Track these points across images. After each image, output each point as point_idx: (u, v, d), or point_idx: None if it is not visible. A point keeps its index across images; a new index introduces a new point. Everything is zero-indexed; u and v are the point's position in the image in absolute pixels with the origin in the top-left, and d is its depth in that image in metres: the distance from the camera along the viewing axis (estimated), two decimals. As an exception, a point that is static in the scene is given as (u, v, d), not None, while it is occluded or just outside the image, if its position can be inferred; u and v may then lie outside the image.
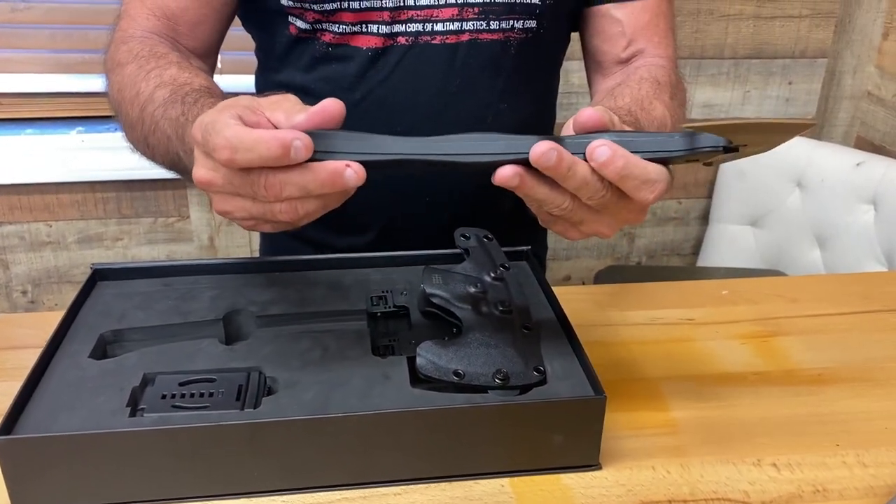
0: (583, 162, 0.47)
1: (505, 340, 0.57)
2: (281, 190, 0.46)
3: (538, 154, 0.46)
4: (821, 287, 0.83)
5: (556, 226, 0.53)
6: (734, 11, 1.50)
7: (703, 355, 0.69)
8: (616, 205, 0.49)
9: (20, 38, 1.39)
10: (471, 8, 0.73)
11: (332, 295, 0.66)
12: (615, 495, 0.53)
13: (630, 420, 0.60)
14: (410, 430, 0.51)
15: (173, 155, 0.62)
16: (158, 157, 0.65)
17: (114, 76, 0.70)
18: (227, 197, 0.49)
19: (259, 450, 0.50)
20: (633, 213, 0.52)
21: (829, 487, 0.54)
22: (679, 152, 0.49)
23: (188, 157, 0.57)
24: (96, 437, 0.48)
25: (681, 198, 1.66)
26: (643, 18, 0.78)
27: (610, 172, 0.47)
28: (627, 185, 0.48)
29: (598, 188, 0.48)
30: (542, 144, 0.46)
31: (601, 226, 0.52)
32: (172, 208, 1.49)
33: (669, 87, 0.74)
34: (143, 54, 0.69)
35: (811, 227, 1.50)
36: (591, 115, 0.49)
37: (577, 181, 0.47)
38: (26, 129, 1.41)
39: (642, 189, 0.48)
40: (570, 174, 0.47)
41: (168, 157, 0.64)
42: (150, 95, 0.64)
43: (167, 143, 0.62)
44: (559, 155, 0.46)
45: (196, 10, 0.74)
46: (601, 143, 0.47)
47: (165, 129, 0.61)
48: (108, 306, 0.63)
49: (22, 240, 1.47)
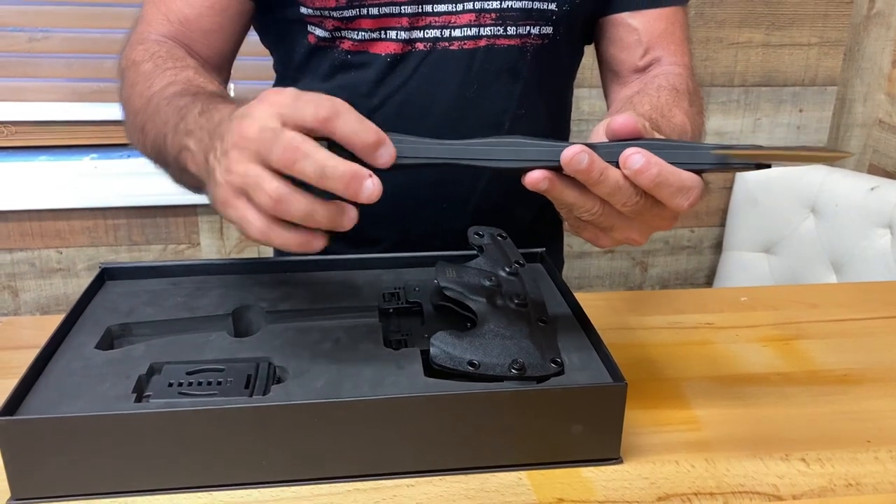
0: (615, 168, 0.47)
1: (521, 332, 0.55)
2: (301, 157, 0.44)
3: (569, 157, 0.46)
4: (840, 294, 0.81)
5: (585, 232, 0.53)
6: (743, 39, 1.51)
7: (724, 357, 0.67)
8: (649, 211, 0.49)
9: (37, 68, 1.41)
10: (488, 14, 0.73)
11: (343, 293, 0.65)
12: (638, 488, 0.51)
13: (651, 417, 0.58)
14: (424, 417, 0.49)
15: (162, 137, 0.60)
16: (149, 142, 0.64)
17: (128, 73, 0.70)
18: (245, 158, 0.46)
19: (267, 437, 0.48)
20: (665, 220, 0.51)
21: (863, 482, 0.52)
22: (711, 165, 0.48)
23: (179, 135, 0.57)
24: (100, 419, 0.47)
25: (693, 226, 1.65)
26: (659, 26, 0.78)
27: (644, 180, 0.46)
28: (662, 192, 0.47)
29: (630, 194, 0.47)
30: (574, 148, 0.46)
31: (632, 232, 0.51)
32: (183, 235, 1.48)
33: (688, 95, 0.73)
34: (161, 55, 0.70)
35: (826, 253, 1.48)
36: (625, 122, 0.48)
37: (608, 187, 0.47)
38: (40, 156, 1.42)
39: (677, 196, 0.47)
40: (602, 179, 0.46)
41: (157, 138, 0.62)
42: (160, 89, 0.65)
43: (162, 127, 0.61)
44: (591, 159, 0.46)
45: (210, 18, 0.75)
46: (635, 150, 0.47)
47: (167, 114, 0.61)
48: (116, 303, 0.62)
49: (32, 266, 1.47)
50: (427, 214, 0.79)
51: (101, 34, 1.39)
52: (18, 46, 1.38)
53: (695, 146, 0.49)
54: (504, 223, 0.71)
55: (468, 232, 0.67)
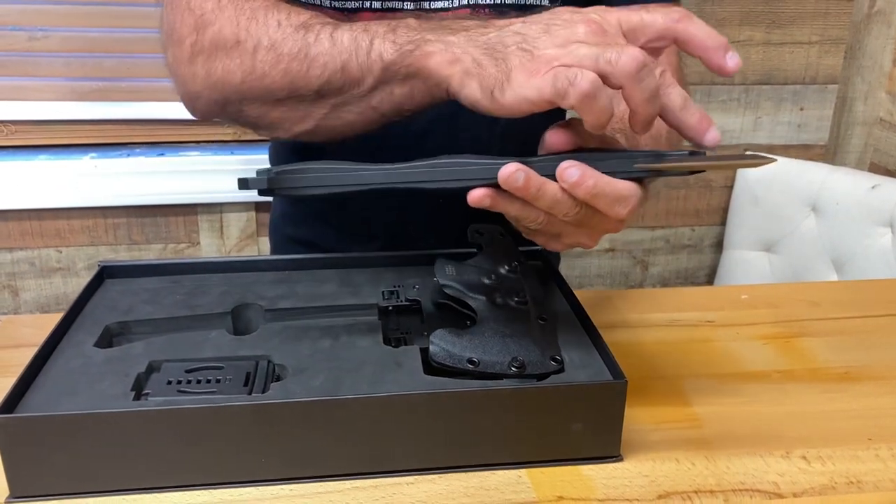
0: (552, 182, 0.48)
1: (521, 330, 0.55)
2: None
3: (505, 176, 0.47)
4: (842, 293, 0.81)
5: (536, 237, 0.53)
6: (743, 37, 1.51)
7: (724, 355, 0.67)
8: (591, 219, 0.50)
9: (37, 67, 1.41)
10: (482, 9, 0.73)
11: (342, 291, 0.64)
12: (638, 486, 0.51)
13: (651, 414, 0.58)
14: (423, 415, 0.49)
15: (375, 49, 0.54)
16: (317, 66, 0.56)
17: (224, 13, 0.59)
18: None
19: (266, 435, 0.48)
20: (610, 224, 0.51)
21: (864, 479, 0.52)
22: (642, 173, 0.49)
23: (385, 42, 0.53)
24: (99, 417, 0.46)
25: (694, 225, 1.65)
26: None
27: (580, 192, 0.47)
28: (599, 203, 0.48)
29: (570, 206, 0.48)
30: (509, 167, 0.47)
31: (581, 237, 0.52)
32: (183, 234, 1.48)
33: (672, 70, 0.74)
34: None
35: (827, 252, 1.48)
36: (558, 138, 0.50)
37: (547, 201, 0.48)
38: (40, 155, 1.42)
39: (615, 206, 0.48)
40: (540, 194, 0.47)
41: (346, 59, 0.55)
42: (306, 19, 0.57)
43: (363, 40, 0.54)
44: (527, 176, 0.47)
45: None
46: (570, 164, 0.47)
47: (360, 32, 0.54)
48: (115, 301, 0.62)
49: (32, 266, 1.47)
50: (425, 209, 0.79)
51: (102, 33, 1.39)
52: (18, 45, 1.38)
53: (627, 155, 0.50)
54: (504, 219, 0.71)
55: (468, 230, 0.67)
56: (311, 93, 0.57)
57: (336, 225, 0.86)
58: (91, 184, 1.41)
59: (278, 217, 0.93)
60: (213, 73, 0.60)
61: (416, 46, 0.53)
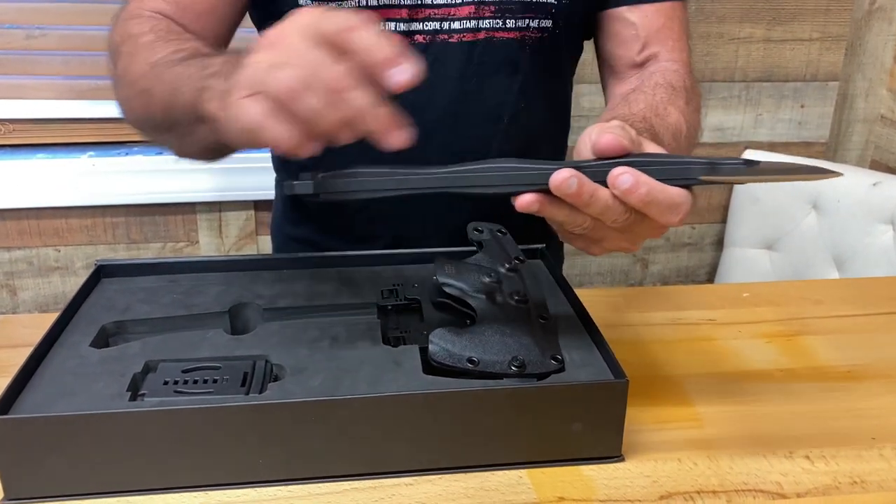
0: (604, 188, 0.47)
1: (521, 329, 0.55)
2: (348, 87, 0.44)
3: (558, 182, 0.46)
4: (845, 290, 0.80)
5: (577, 242, 0.53)
6: (744, 34, 1.50)
7: (726, 353, 0.67)
8: (639, 225, 0.49)
9: (35, 65, 1.40)
10: (487, 6, 0.73)
11: (341, 290, 0.64)
12: (639, 486, 0.50)
13: (653, 414, 0.58)
14: (422, 415, 0.49)
15: (174, 92, 0.57)
16: (154, 103, 0.61)
17: (125, 46, 0.67)
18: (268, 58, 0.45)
19: (264, 436, 0.48)
20: (655, 230, 0.51)
21: (868, 479, 0.51)
22: (699, 182, 0.48)
23: (200, 79, 0.54)
24: (95, 418, 0.46)
25: (694, 223, 1.64)
26: (657, 22, 0.77)
27: (633, 199, 0.46)
28: (652, 210, 0.47)
29: (620, 212, 0.47)
30: (562, 172, 0.46)
31: (623, 242, 0.51)
32: (182, 233, 1.48)
33: (684, 92, 0.73)
34: (161, 28, 0.67)
35: (828, 249, 1.47)
36: (610, 143, 0.48)
37: (598, 207, 0.47)
38: (38, 153, 1.42)
39: (666, 214, 0.47)
40: (592, 201, 0.47)
41: (166, 100, 0.59)
42: (167, 54, 0.62)
43: (175, 81, 0.58)
44: (579, 182, 0.46)
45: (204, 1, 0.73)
46: (623, 170, 0.46)
47: (182, 71, 0.58)
48: (112, 300, 0.62)
49: (30, 265, 1.46)
50: (426, 208, 0.79)
51: (99, 31, 1.38)
52: (15, 44, 1.37)
53: (683, 163, 0.49)
54: (504, 218, 0.70)
55: (468, 228, 0.66)
56: (162, 125, 0.62)
57: (338, 226, 0.85)
58: (89, 182, 1.40)
59: (280, 217, 0.93)
60: (119, 103, 0.68)
61: (203, 91, 0.53)
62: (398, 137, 0.46)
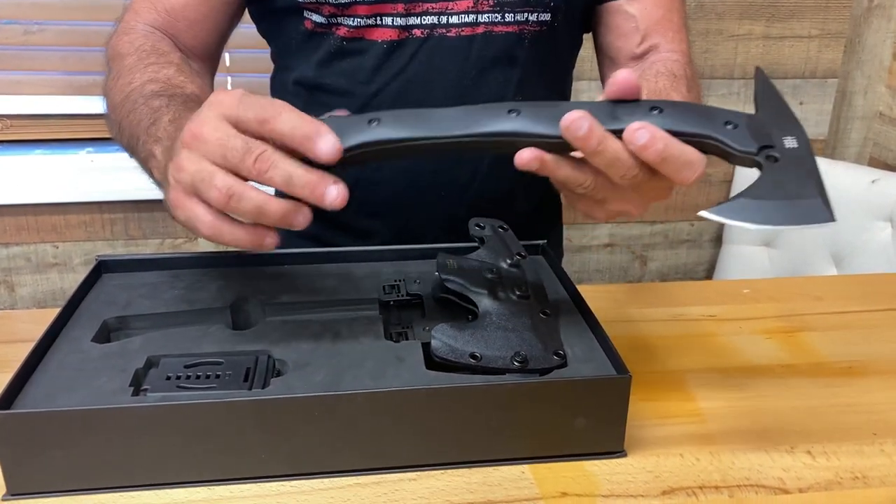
0: (615, 139, 0.45)
1: (523, 325, 0.55)
2: (270, 167, 0.46)
3: (568, 122, 0.44)
4: (844, 286, 0.80)
5: (580, 204, 0.52)
6: (743, 31, 1.50)
7: (727, 349, 0.67)
8: (646, 184, 0.47)
9: (32, 61, 1.40)
10: (486, 1, 0.73)
11: (343, 285, 0.64)
12: (642, 482, 0.50)
13: (655, 409, 0.58)
14: (425, 410, 0.49)
15: (135, 139, 0.62)
16: (124, 139, 0.66)
17: (113, 64, 0.71)
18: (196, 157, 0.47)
19: (267, 431, 0.48)
20: (661, 191, 0.49)
21: (869, 475, 0.51)
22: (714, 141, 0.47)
23: (149, 141, 0.58)
24: (97, 413, 0.46)
25: (693, 220, 1.64)
26: (657, 14, 0.77)
27: (649, 156, 0.45)
28: (667, 167, 0.45)
29: (629, 166, 0.46)
30: (575, 112, 0.44)
31: (628, 204, 0.50)
32: (180, 230, 1.47)
33: (686, 81, 0.73)
34: (146, 48, 0.69)
35: (827, 246, 1.47)
36: (626, 77, 0.46)
37: (606, 158, 0.45)
38: (36, 149, 1.41)
39: (682, 171, 0.46)
40: (601, 149, 0.45)
41: (131, 139, 0.64)
42: (139, 85, 0.65)
43: (136, 127, 0.62)
44: (590, 126, 0.44)
45: (196, 8, 0.74)
46: (640, 125, 0.45)
47: (142, 114, 0.62)
48: (113, 296, 0.62)
49: (28, 261, 1.46)
50: (426, 204, 0.79)
51: (97, 27, 1.38)
52: (14, 39, 1.37)
53: (697, 110, 0.47)
54: (504, 213, 0.70)
55: (469, 223, 0.66)
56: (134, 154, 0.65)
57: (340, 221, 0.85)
58: (88, 179, 1.40)
59: None
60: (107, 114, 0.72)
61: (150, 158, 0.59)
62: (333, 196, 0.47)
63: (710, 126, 0.47)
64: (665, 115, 0.47)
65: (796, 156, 0.47)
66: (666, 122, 0.46)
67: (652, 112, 0.47)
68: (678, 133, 0.46)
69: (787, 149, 0.47)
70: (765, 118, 0.49)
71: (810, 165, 0.47)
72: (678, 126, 0.46)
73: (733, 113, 0.48)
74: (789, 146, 0.47)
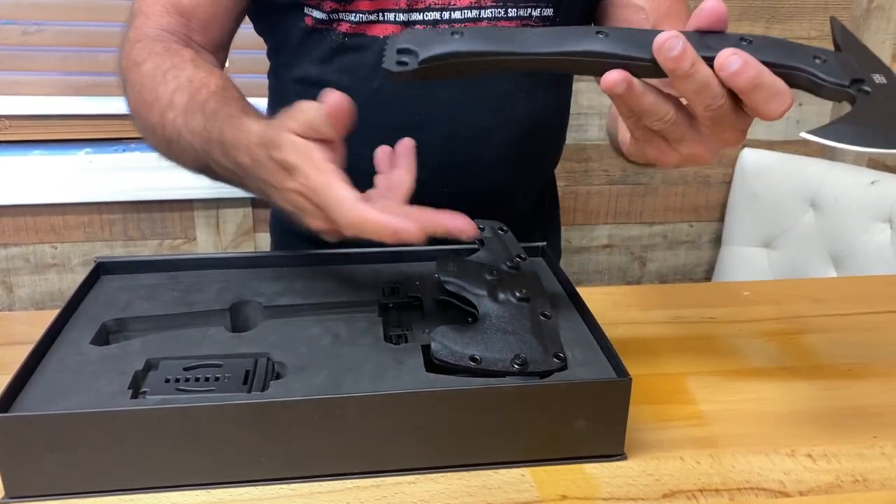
0: (704, 63, 0.44)
1: (523, 327, 0.54)
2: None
3: (661, 41, 0.44)
4: (845, 288, 0.80)
5: (650, 147, 0.50)
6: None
7: (727, 351, 0.67)
8: (727, 118, 0.46)
9: (31, 61, 1.39)
10: None
11: (342, 287, 0.64)
12: (642, 485, 0.50)
13: (655, 412, 0.58)
14: (425, 413, 0.49)
15: (203, 165, 0.64)
16: (186, 163, 0.67)
17: (131, 74, 0.69)
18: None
19: (266, 433, 0.47)
20: (737, 132, 0.48)
21: (870, 478, 0.51)
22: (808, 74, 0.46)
23: (222, 168, 0.61)
24: (95, 416, 0.46)
25: (692, 221, 1.64)
26: (664, 5, 0.77)
27: (742, 81, 0.44)
28: (758, 96, 0.44)
29: (717, 95, 0.45)
30: (667, 33, 0.44)
31: (701, 146, 0.49)
32: (179, 230, 1.47)
33: None
34: (158, 51, 0.69)
35: (826, 247, 1.47)
36: (715, 6, 0.46)
37: (696, 83, 0.44)
38: (34, 150, 1.41)
39: (771, 101, 0.45)
40: (693, 71, 0.44)
41: (197, 165, 0.65)
42: (169, 100, 0.65)
43: (194, 153, 0.63)
44: (684, 47, 0.43)
45: (208, 7, 0.74)
46: (733, 51, 0.44)
47: (190, 140, 0.63)
48: (112, 297, 0.61)
49: (27, 262, 1.45)
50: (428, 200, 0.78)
51: (96, 27, 1.38)
52: (12, 39, 1.37)
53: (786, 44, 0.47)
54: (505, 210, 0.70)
55: (469, 225, 0.66)
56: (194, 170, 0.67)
57: None
58: (86, 179, 1.39)
59: (279, 212, 0.92)
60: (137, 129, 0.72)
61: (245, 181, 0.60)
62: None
63: (801, 59, 0.47)
64: (755, 45, 0.46)
65: (887, 90, 0.47)
66: (756, 53, 0.46)
67: (742, 42, 0.47)
68: (769, 64, 0.46)
69: (878, 84, 0.47)
70: (850, 56, 0.49)
71: None
72: (769, 57, 0.46)
73: (820, 49, 0.48)
74: (879, 81, 0.47)
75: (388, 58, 0.49)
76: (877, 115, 0.46)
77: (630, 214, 1.62)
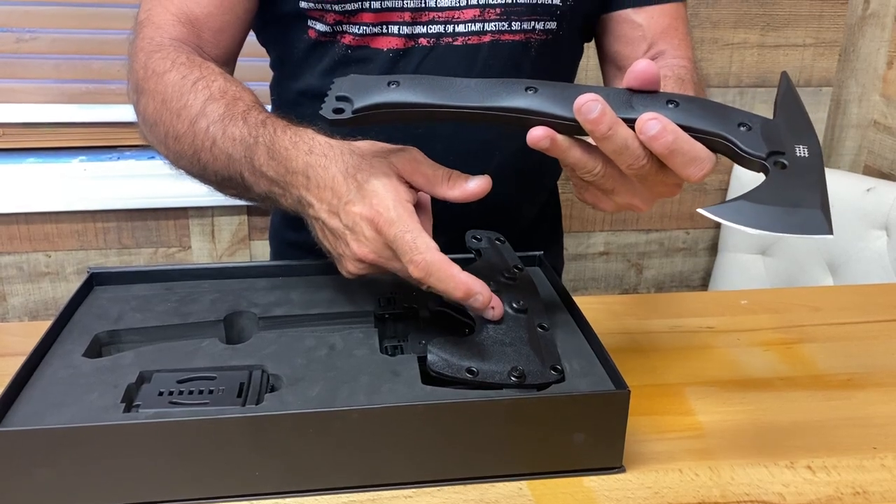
0: (626, 126, 0.45)
1: (520, 339, 0.54)
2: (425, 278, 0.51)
3: (581, 103, 0.45)
4: (843, 297, 0.80)
5: (587, 193, 0.52)
6: (738, 40, 1.51)
7: (725, 361, 0.66)
8: (654, 176, 0.47)
9: (25, 69, 1.39)
10: (492, 9, 0.72)
11: (338, 298, 0.63)
12: (641, 498, 0.50)
13: (653, 424, 0.57)
14: (421, 426, 0.48)
15: (234, 173, 0.61)
16: (210, 173, 0.64)
17: (151, 84, 0.67)
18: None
19: (261, 447, 0.47)
20: (669, 187, 0.49)
21: (870, 489, 0.51)
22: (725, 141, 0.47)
23: (256, 178, 0.59)
24: (88, 430, 0.45)
25: (688, 228, 1.64)
26: (663, 22, 0.78)
27: (658, 147, 0.45)
28: (675, 160, 0.46)
29: (638, 156, 0.46)
30: (587, 95, 0.45)
31: (635, 198, 0.50)
32: (173, 238, 1.47)
33: (693, 85, 0.73)
34: (183, 61, 0.67)
35: (822, 255, 1.47)
36: (647, 67, 0.47)
37: (616, 144, 0.45)
38: (28, 158, 1.40)
39: (689, 166, 0.46)
40: (611, 134, 0.45)
41: (225, 174, 0.62)
42: (201, 109, 0.62)
43: (227, 161, 0.61)
44: (602, 109, 0.45)
45: (219, 17, 0.73)
46: (652, 116, 0.45)
47: (226, 148, 0.60)
48: (104, 309, 0.61)
49: (20, 270, 1.44)
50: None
51: (90, 35, 1.37)
52: (6, 47, 1.36)
53: (714, 110, 0.47)
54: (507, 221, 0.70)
55: (466, 236, 0.66)
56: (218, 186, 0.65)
57: None
58: (80, 187, 1.39)
59: (279, 222, 0.92)
60: (150, 140, 0.69)
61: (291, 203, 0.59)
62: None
63: (724, 125, 0.47)
64: (680, 109, 0.47)
65: (805, 165, 0.47)
66: (680, 117, 0.47)
67: (668, 105, 0.47)
68: (691, 129, 0.46)
69: (798, 157, 0.47)
70: (781, 123, 0.49)
71: (817, 176, 0.47)
72: (692, 122, 0.47)
73: (749, 115, 0.48)
74: (800, 154, 0.47)
75: (326, 104, 0.51)
76: (783, 193, 0.46)
77: (626, 222, 1.62)
